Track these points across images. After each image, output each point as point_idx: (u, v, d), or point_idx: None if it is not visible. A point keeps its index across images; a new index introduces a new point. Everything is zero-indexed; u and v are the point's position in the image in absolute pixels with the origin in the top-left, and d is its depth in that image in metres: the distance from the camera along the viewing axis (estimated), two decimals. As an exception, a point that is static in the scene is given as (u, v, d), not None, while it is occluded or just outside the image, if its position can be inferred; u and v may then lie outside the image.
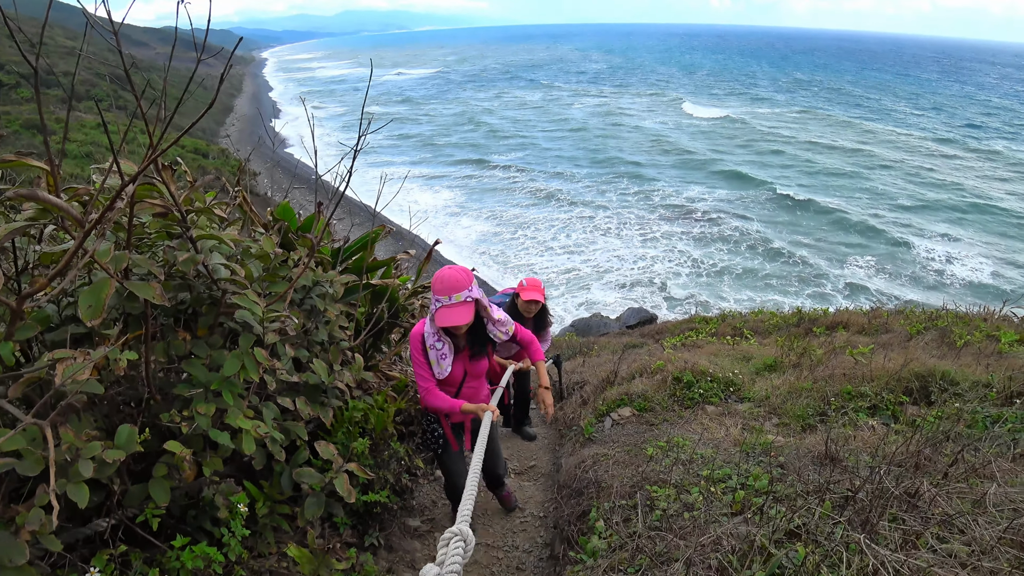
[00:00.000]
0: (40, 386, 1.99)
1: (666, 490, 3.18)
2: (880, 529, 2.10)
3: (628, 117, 58.05)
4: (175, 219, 2.12)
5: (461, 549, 1.44)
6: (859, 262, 26.01)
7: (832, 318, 9.29)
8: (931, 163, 40.87)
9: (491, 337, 3.27)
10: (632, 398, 5.19)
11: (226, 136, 36.35)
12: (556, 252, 27.85)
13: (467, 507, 1.71)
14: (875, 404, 4.48)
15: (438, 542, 1.52)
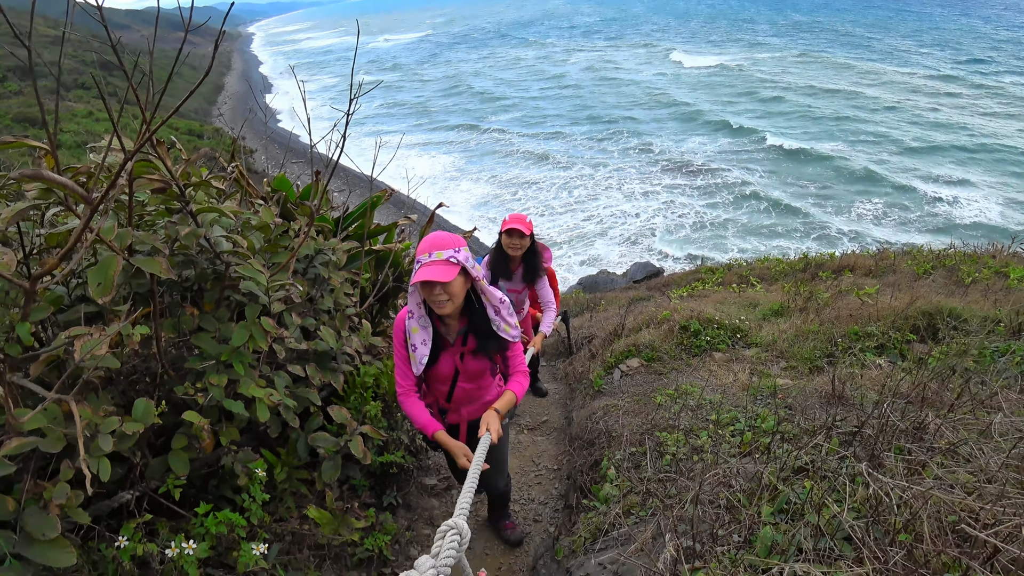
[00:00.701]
0: (57, 366, 2.04)
1: (675, 435, 3.24)
2: (885, 461, 2.14)
3: (623, 71, 56.64)
4: (174, 194, 2.13)
5: (456, 542, 1.50)
6: (864, 207, 25.40)
7: (838, 262, 9.28)
8: (936, 103, 39.36)
9: (496, 332, 2.63)
10: (640, 349, 5.24)
11: (219, 115, 35.99)
12: (558, 211, 27.68)
13: (465, 501, 1.75)
14: (882, 343, 4.51)
15: (435, 533, 1.58)
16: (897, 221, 24.34)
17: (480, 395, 2.85)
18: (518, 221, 4.22)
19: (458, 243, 2.43)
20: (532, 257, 4.38)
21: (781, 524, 1.96)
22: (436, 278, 2.33)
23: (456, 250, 2.39)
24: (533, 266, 4.40)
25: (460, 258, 2.38)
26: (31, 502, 1.75)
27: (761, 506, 2.07)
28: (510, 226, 4.22)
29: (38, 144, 1.66)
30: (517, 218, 4.25)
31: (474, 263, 2.46)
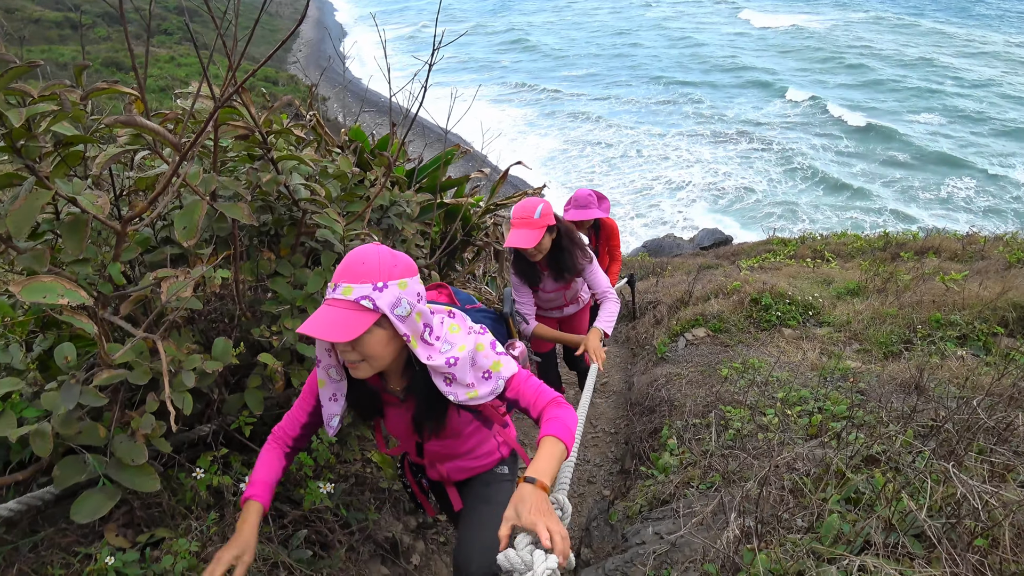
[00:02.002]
0: (144, 304, 2.14)
1: (740, 411, 3.17)
2: (966, 461, 2.03)
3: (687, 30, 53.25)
4: (256, 141, 2.16)
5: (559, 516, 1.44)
6: (948, 190, 23.47)
7: (922, 243, 8.77)
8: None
9: (449, 402, 1.69)
10: (707, 319, 5.12)
11: (295, 62, 36.47)
12: (624, 171, 27.04)
13: (565, 477, 1.73)
14: (965, 334, 4.25)
15: None
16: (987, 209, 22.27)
17: (463, 449, 1.98)
18: (523, 223, 3.02)
19: (395, 271, 1.49)
20: (560, 254, 3.27)
21: (848, 514, 1.90)
22: (330, 336, 1.40)
23: (381, 285, 1.45)
24: (563, 265, 3.30)
25: (383, 302, 1.44)
26: (119, 431, 1.86)
27: (829, 493, 2.01)
28: (512, 243, 3.04)
29: (129, 91, 1.70)
30: (521, 218, 3.03)
31: (417, 307, 1.53)
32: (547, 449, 1.51)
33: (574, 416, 1.64)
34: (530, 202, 3.03)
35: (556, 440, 1.52)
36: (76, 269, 1.72)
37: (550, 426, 1.56)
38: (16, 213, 1.52)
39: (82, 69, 1.86)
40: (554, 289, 3.59)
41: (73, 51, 30.54)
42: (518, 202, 3.13)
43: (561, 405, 1.65)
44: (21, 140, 1.50)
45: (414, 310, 1.52)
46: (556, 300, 3.73)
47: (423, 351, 1.56)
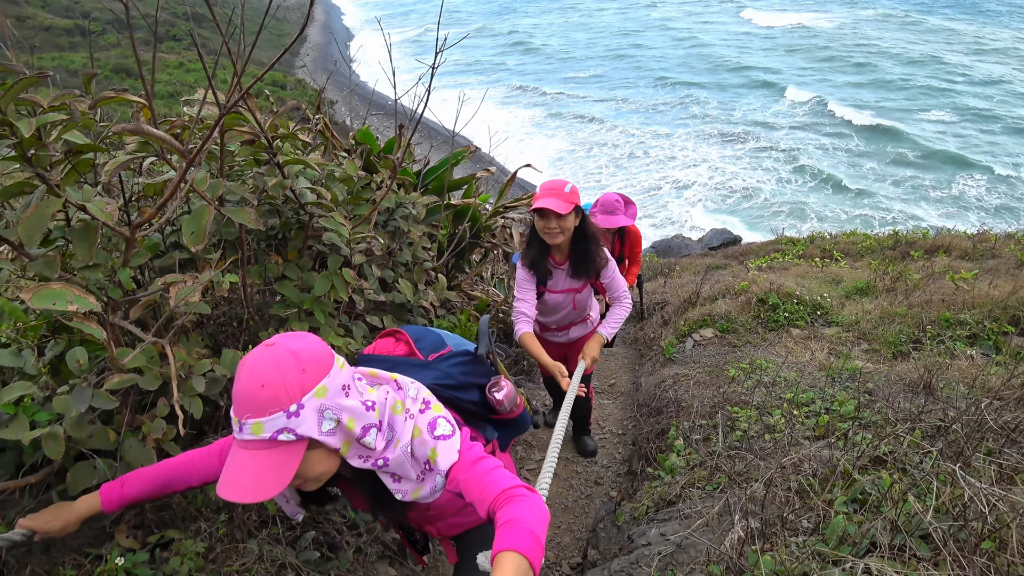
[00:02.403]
0: (153, 309, 2.16)
1: (747, 411, 3.16)
2: (974, 462, 2.02)
3: (689, 30, 52.72)
4: (262, 146, 2.19)
5: None
6: (967, 184, 23.19)
7: (932, 241, 8.71)
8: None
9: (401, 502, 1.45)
10: (715, 319, 5.12)
11: (302, 66, 36.67)
12: (631, 171, 26.97)
13: (545, 481, 1.66)
14: (975, 333, 4.22)
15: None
16: (996, 208, 21.84)
17: (450, 511, 1.69)
18: (553, 192, 2.77)
19: (306, 379, 1.17)
20: (584, 243, 2.94)
21: (854, 515, 1.89)
22: (255, 497, 1.12)
23: (295, 409, 1.15)
24: (587, 256, 2.96)
25: (306, 427, 1.16)
26: (129, 434, 1.89)
27: (836, 494, 2.01)
28: (541, 203, 2.74)
29: (136, 99, 1.72)
30: (552, 188, 2.80)
31: (345, 408, 1.23)
32: (502, 573, 1.09)
33: (538, 511, 1.24)
34: (558, 180, 2.86)
35: (515, 556, 1.12)
36: (87, 275, 1.75)
37: (506, 535, 1.16)
38: (28, 221, 1.54)
39: (91, 77, 1.89)
40: (564, 289, 3.11)
41: (83, 58, 30.85)
42: (545, 181, 2.90)
43: (517, 499, 1.25)
44: (32, 149, 1.52)
45: (343, 415, 1.23)
46: (562, 308, 3.21)
47: (355, 455, 1.29)
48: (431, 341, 1.84)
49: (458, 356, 1.80)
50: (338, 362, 1.26)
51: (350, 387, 1.27)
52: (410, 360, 1.73)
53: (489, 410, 1.84)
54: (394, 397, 1.39)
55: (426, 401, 1.45)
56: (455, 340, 1.92)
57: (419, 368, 1.69)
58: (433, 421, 1.41)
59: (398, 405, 1.38)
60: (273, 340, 1.20)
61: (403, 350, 1.80)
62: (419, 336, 1.85)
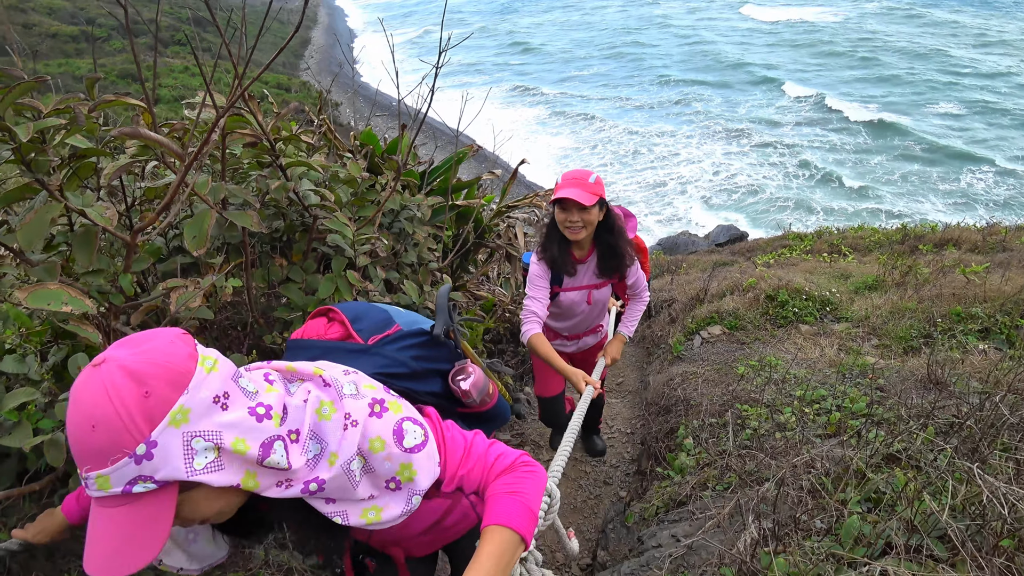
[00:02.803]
0: (157, 313, 2.15)
1: (757, 409, 3.13)
2: (990, 459, 1.99)
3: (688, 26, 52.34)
4: (264, 148, 2.17)
5: (546, 505, 1.43)
6: (976, 176, 22.84)
7: (941, 235, 8.63)
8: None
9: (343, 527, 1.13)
10: (723, 316, 5.08)
11: (306, 69, 36.75)
12: (636, 168, 26.95)
13: (559, 464, 1.66)
14: (987, 327, 4.16)
15: None
16: (1006, 198, 21.55)
17: (418, 529, 1.42)
18: (576, 183, 2.57)
19: (152, 405, 0.85)
20: (609, 236, 2.73)
21: (869, 515, 1.86)
22: (120, 571, 0.85)
23: (144, 451, 0.84)
24: (614, 252, 2.76)
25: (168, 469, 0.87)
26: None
27: (849, 493, 1.97)
28: (563, 192, 2.53)
29: (136, 102, 1.71)
30: (575, 178, 2.60)
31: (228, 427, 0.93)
32: (486, 548, 1.04)
33: (538, 484, 1.18)
34: (582, 170, 2.61)
35: (505, 531, 1.07)
36: (89, 280, 1.74)
37: (498, 507, 1.10)
38: (27, 226, 1.53)
39: (94, 82, 1.88)
40: (583, 286, 2.87)
41: (89, 64, 31.01)
42: (568, 171, 2.68)
43: (519, 469, 1.19)
44: (31, 154, 1.51)
45: (225, 437, 0.91)
46: (577, 309, 2.97)
47: (270, 484, 0.98)
48: (374, 320, 1.46)
49: (409, 337, 1.45)
50: (204, 364, 0.91)
51: (230, 395, 0.93)
52: (345, 345, 1.36)
53: (455, 402, 1.51)
54: (318, 397, 1.06)
55: (378, 401, 1.11)
56: (407, 317, 1.57)
57: (357, 354, 1.34)
58: (398, 428, 1.10)
59: (325, 407, 1.05)
60: (103, 356, 0.86)
61: (337, 332, 1.43)
62: (358, 314, 1.47)
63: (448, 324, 1.52)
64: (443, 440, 1.20)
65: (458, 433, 1.25)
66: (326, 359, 1.23)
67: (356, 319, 1.44)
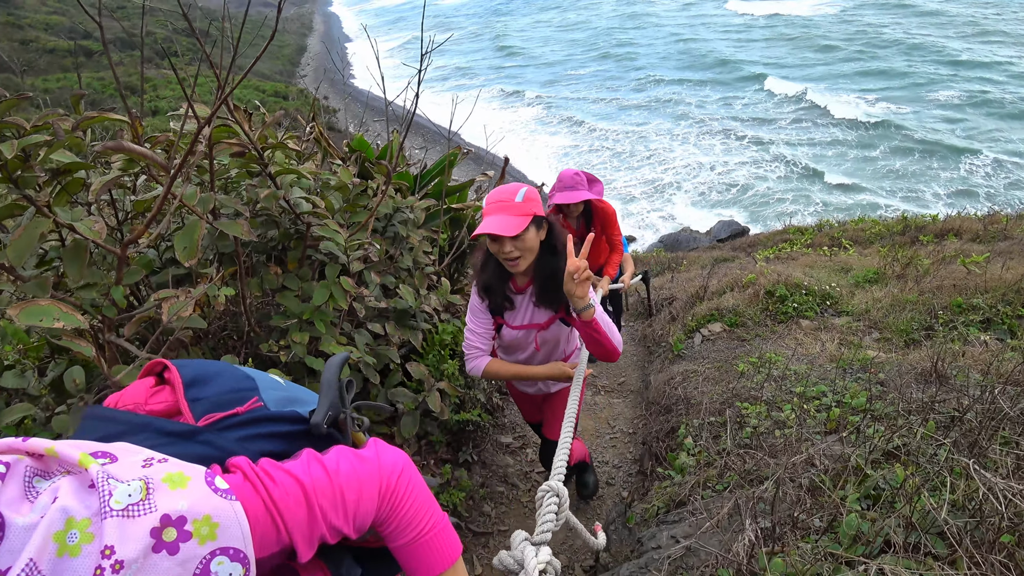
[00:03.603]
0: (152, 324, 2.15)
1: (757, 407, 3.12)
2: (990, 453, 1.97)
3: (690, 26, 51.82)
4: (253, 157, 2.17)
5: (555, 505, 1.37)
6: (973, 165, 22.41)
7: (942, 225, 8.60)
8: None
9: None
10: (723, 313, 5.06)
11: (303, 76, 36.85)
12: (634, 165, 26.90)
13: (560, 461, 1.63)
14: (989, 318, 4.14)
15: (537, 492, 1.47)
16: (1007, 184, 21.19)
17: None
18: (500, 207, 2.10)
19: None
20: (551, 260, 2.22)
21: (868, 512, 1.85)
22: None
23: None
24: (555, 278, 2.20)
25: None
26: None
27: (848, 491, 1.96)
28: (484, 226, 2.06)
29: (119, 118, 1.72)
30: (499, 200, 2.11)
31: None
32: None
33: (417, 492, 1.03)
34: (510, 185, 2.16)
35: None
36: (82, 294, 1.74)
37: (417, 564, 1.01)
38: (16, 243, 1.53)
39: (79, 98, 1.88)
40: (524, 325, 2.41)
41: (86, 78, 31.08)
42: (493, 191, 2.20)
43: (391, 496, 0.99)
44: (17, 171, 1.51)
45: None
46: (523, 349, 2.51)
47: None
48: (223, 388, 1.03)
49: (267, 423, 1.01)
50: None
51: None
52: (160, 423, 0.91)
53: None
54: (65, 511, 0.62)
55: (173, 521, 0.68)
56: (284, 392, 1.14)
57: (174, 439, 0.90)
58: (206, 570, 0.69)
59: (73, 532, 0.62)
60: None
61: (162, 401, 0.99)
62: (204, 376, 1.03)
63: (337, 409, 1.11)
64: (274, 511, 0.84)
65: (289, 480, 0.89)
66: (130, 440, 0.81)
67: (197, 383, 1.00)
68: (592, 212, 4.03)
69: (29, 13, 39.67)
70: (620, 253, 4.29)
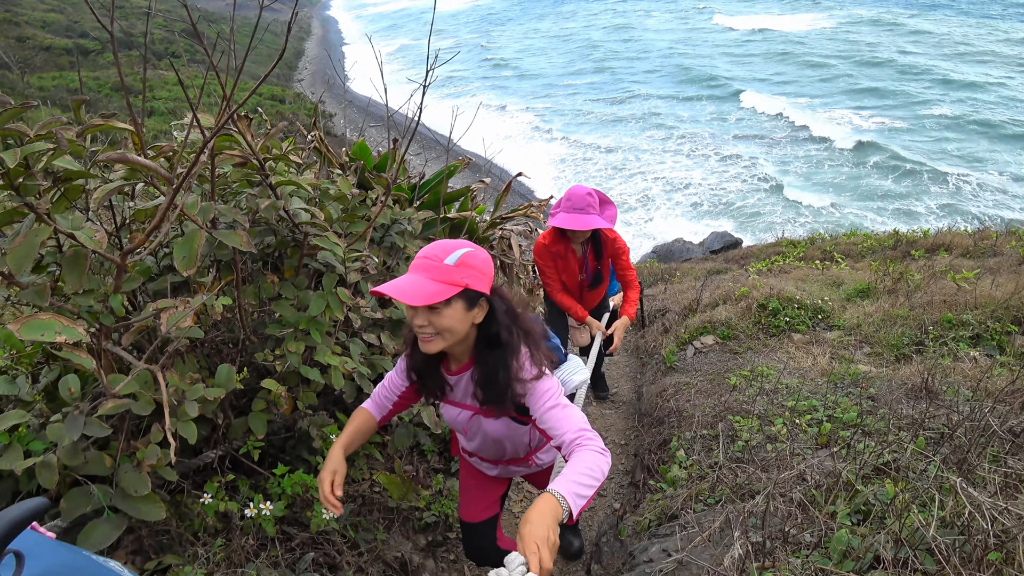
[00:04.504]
0: (148, 332, 2.16)
1: (749, 421, 3.14)
2: (979, 470, 2.00)
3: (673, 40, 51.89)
4: (254, 167, 2.18)
5: None
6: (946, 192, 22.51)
7: (933, 240, 8.69)
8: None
9: None
10: (715, 326, 5.09)
11: (300, 80, 36.88)
12: (627, 175, 27.03)
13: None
14: (978, 334, 4.19)
15: None
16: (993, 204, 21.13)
17: None
18: (424, 265, 1.59)
19: None
20: (488, 354, 1.69)
21: (858, 527, 1.87)
22: None
23: None
24: (493, 379, 1.68)
25: None
26: (125, 459, 1.88)
27: (839, 506, 1.98)
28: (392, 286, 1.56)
29: (123, 126, 1.73)
30: (424, 257, 1.61)
31: None
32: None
33: None
34: (447, 242, 1.63)
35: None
36: (79, 301, 1.75)
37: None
38: (16, 250, 1.54)
39: (80, 104, 1.89)
40: (465, 405, 1.87)
41: (84, 76, 30.99)
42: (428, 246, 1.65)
43: None
44: (19, 178, 1.52)
45: None
46: (469, 433, 2.01)
47: None
48: None
49: None
50: None
51: None
52: None
53: None
54: None
55: None
56: None
57: None
58: None
59: None
60: None
61: None
62: None
63: None
64: None
65: None
66: None
67: None
68: (602, 241, 3.57)
69: (26, 10, 39.55)
70: (636, 289, 3.81)
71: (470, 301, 1.60)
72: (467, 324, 1.62)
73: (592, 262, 3.68)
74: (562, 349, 2.15)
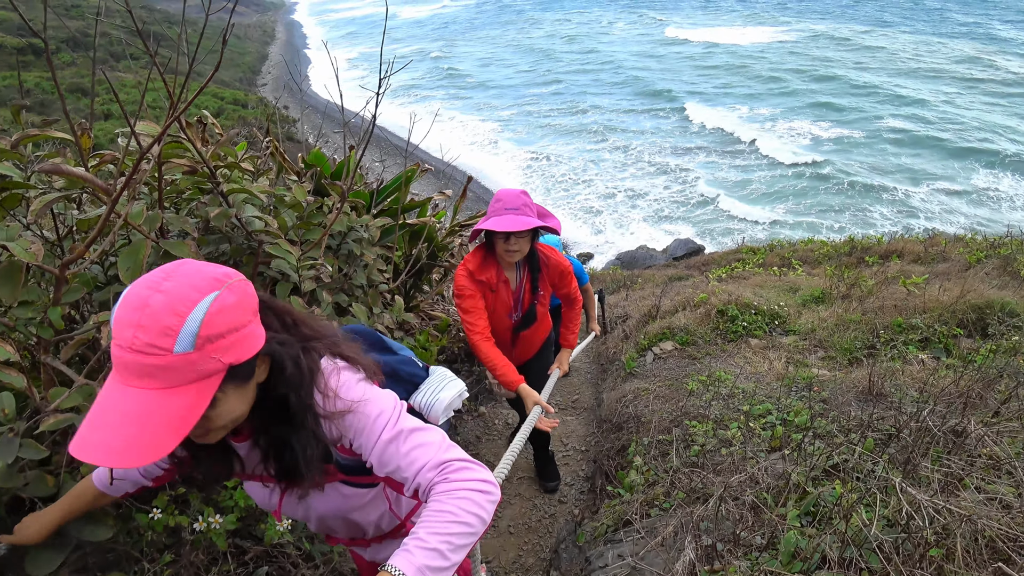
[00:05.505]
0: (92, 344, 2.09)
1: (705, 425, 3.19)
2: (922, 470, 2.06)
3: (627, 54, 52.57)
4: (205, 175, 2.14)
5: None
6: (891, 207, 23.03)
7: (886, 247, 8.99)
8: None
9: None
10: (674, 332, 5.16)
11: (264, 84, 36.39)
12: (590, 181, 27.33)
13: (505, 467, 1.69)
14: (927, 337, 4.34)
15: None
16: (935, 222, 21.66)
17: None
18: (141, 367, 0.93)
19: None
20: (280, 430, 1.15)
21: (807, 528, 1.91)
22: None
23: None
24: (285, 447, 1.16)
25: None
26: (68, 478, 1.82)
27: (788, 507, 2.03)
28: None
29: (61, 135, 1.68)
30: (141, 355, 0.92)
31: None
32: None
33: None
34: (162, 309, 0.91)
35: None
36: (16, 314, 1.69)
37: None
38: (-53, 261, 1.48)
39: (19, 109, 1.83)
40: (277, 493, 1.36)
41: (37, 77, 30.03)
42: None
43: None
44: (-49, 187, 1.47)
45: None
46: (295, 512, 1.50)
47: None
48: None
49: None
50: None
51: None
52: None
53: None
54: None
55: None
56: None
57: None
58: None
59: None
60: None
61: None
62: None
63: None
64: None
65: None
66: None
67: None
68: (539, 263, 2.89)
69: (-24, 9, 38.27)
70: (578, 302, 3.25)
71: (244, 375, 1.04)
72: (250, 396, 1.09)
73: (528, 295, 2.96)
74: (417, 362, 1.71)
